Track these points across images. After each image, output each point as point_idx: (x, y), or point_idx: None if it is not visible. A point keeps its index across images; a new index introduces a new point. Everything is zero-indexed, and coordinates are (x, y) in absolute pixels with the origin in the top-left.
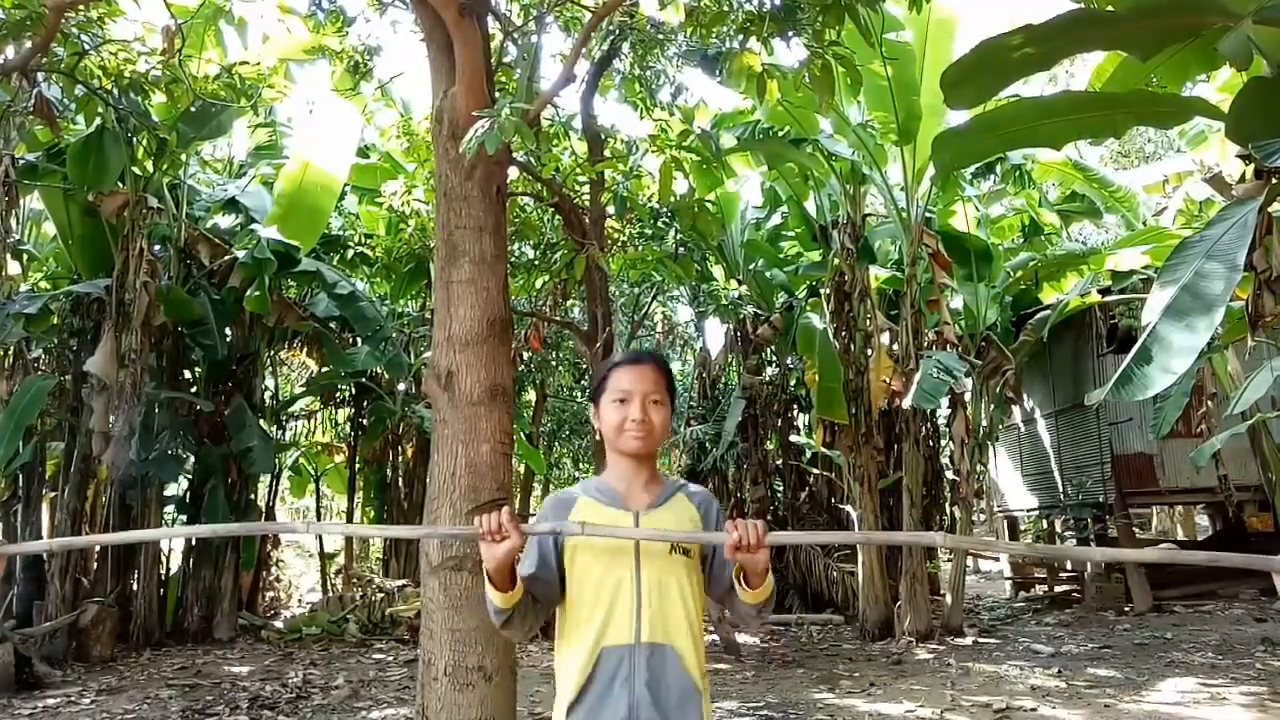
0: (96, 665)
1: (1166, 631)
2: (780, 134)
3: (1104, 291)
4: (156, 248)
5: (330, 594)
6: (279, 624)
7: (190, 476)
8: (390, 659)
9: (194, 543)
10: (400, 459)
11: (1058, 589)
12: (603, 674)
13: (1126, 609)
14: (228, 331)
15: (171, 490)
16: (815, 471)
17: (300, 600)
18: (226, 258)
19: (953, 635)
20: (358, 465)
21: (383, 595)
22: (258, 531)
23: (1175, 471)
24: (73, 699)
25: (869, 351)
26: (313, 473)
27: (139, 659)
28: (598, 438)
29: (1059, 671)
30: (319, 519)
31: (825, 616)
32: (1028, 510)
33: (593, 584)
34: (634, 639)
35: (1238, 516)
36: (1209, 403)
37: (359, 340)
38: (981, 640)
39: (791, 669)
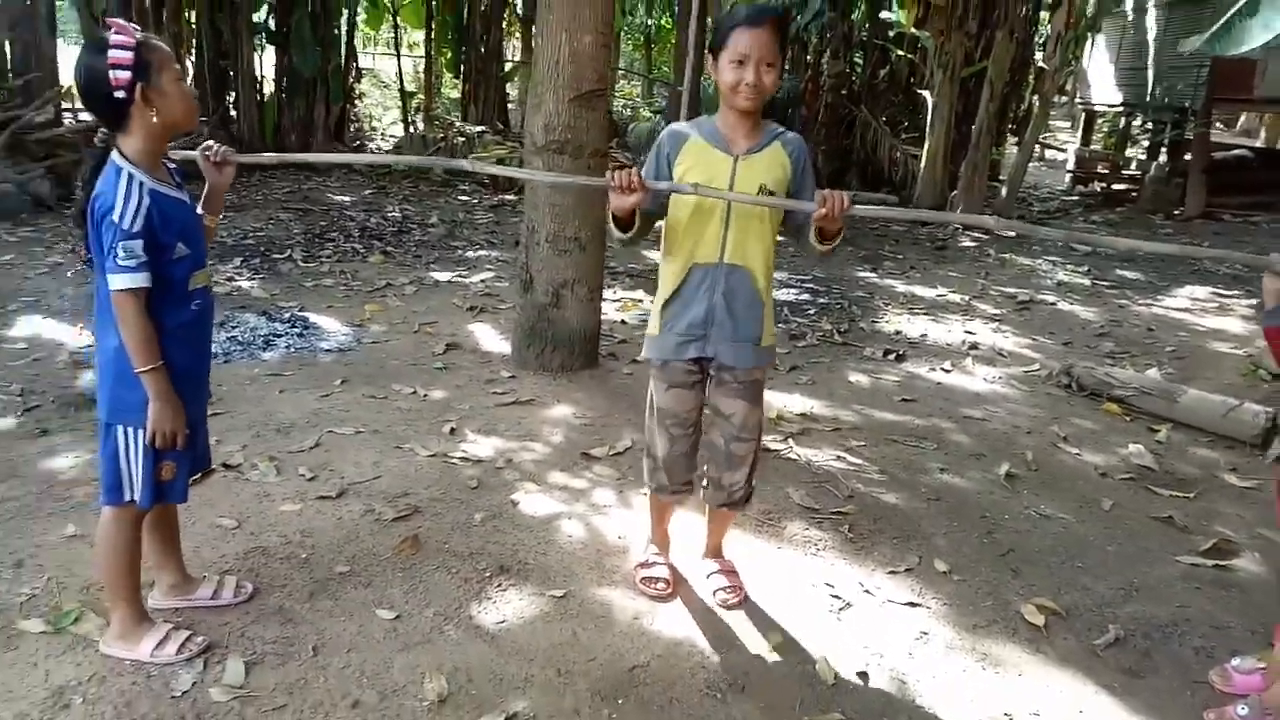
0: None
1: (1206, 240)
2: None
3: None
4: None
5: (412, 132)
6: (368, 157)
7: (272, 3)
8: (475, 202)
9: (285, 68)
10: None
11: (1115, 187)
12: (690, 284)
13: (1177, 213)
14: None
15: (258, 17)
16: (899, 52)
17: (383, 134)
18: None
19: None
20: (434, 3)
21: (463, 139)
22: (427, 163)
23: (1275, 79)
24: None
25: None
26: (389, 5)
27: (249, 180)
28: (711, 90)
29: (1088, 270)
30: (397, 51)
31: (880, 196)
32: (1110, 105)
33: (690, 209)
34: (719, 259)
35: None
36: None
37: None
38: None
39: (840, 247)
